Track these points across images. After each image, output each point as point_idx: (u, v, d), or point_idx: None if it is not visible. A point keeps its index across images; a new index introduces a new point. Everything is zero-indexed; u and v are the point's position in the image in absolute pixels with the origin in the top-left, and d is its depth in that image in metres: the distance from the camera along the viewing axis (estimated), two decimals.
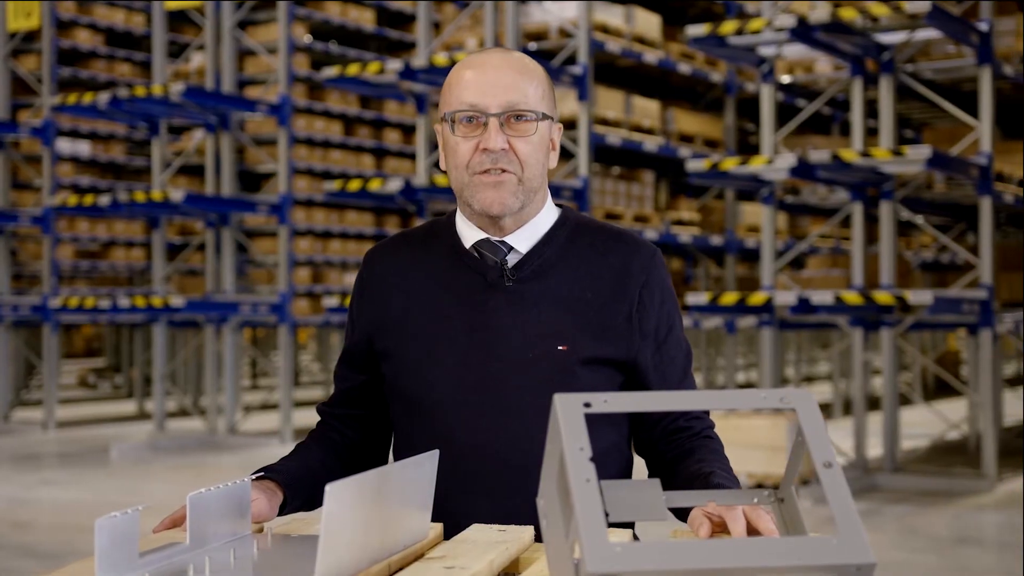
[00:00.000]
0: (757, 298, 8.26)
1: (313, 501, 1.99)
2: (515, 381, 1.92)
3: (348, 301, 9.87)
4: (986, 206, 8.39)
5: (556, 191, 9.38)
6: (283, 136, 10.93)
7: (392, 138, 14.64)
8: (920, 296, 7.70)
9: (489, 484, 1.91)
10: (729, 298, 8.39)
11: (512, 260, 1.99)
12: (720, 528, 1.52)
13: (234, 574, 1.44)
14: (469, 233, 2.02)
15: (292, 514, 1.94)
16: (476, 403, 1.93)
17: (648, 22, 10.58)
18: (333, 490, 1.24)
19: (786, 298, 8.06)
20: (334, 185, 9.99)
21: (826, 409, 12.42)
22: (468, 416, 1.93)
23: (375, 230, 14.46)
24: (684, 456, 1.95)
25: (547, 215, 2.04)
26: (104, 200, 10.67)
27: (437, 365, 1.96)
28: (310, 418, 10.88)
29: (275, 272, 11.96)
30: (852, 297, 7.88)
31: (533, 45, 10.13)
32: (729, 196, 11.86)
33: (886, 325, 8.69)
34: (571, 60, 9.88)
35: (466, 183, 1.96)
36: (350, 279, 14.23)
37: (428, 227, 2.12)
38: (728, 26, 8.47)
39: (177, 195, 10.30)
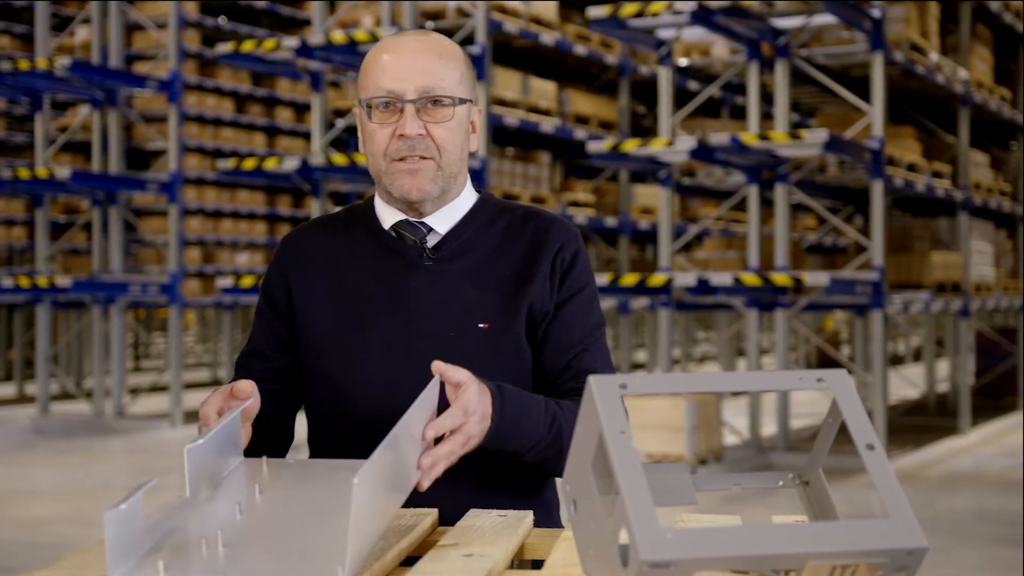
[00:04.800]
0: (657, 279, 8.32)
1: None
2: (440, 360, 1.88)
3: (244, 282, 9.65)
4: (877, 189, 8.56)
5: None
6: (173, 113, 10.70)
7: (284, 116, 14.43)
8: (816, 278, 7.83)
9: None
10: (629, 279, 8.44)
11: (432, 240, 1.99)
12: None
13: (242, 530, 1.39)
14: (388, 215, 2.02)
15: None
16: (402, 383, 1.91)
17: (545, 3, 10.57)
18: (361, 481, 1.21)
19: (686, 279, 8.13)
20: (228, 163, 9.80)
21: None
22: (395, 397, 1.89)
23: (267, 210, 14.26)
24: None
25: (467, 198, 2.03)
26: None
27: (361, 347, 1.94)
28: (198, 400, 10.68)
29: (165, 252, 11.72)
30: (751, 278, 7.98)
31: (430, 24, 10.04)
32: (623, 178, 11.93)
33: (781, 306, 8.83)
34: (469, 40, 9.82)
35: (384, 170, 1.95)
36: (242, 259, 14.01)
37: (347, 212, 2.11)
38: (628, 8, 8.50)
39: (63, 172, 10.02)
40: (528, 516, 1.61)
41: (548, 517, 2.00)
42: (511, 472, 1.91)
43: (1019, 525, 6.44)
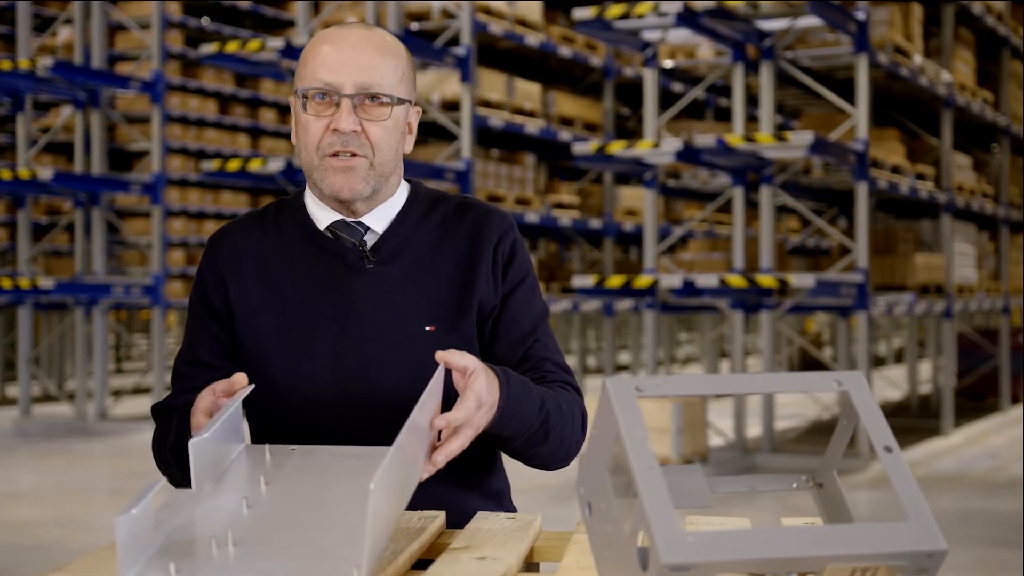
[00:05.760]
0: (643, 281, 8.32)
1: None
2: (387, 366, 1.88)
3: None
4: (862, 191, 8.58)
5: (439, 173, 9.33)
6: (156, 114, 10.65)
7: (268, 117, 14.40)
8: (802, 279, 7.85)
9: None
10: (615, 281, 8.44)
11: (369, 241, 1.95)
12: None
13: (251, 527, 1.39)
14: (322, 214, 1.96)
15: None
16: (351, 391, 1.88)
17: (530, 4, 10.58)
18: (378, 486, 1.20)
19: (672, 281, 8.13)
20: (212, 165, 9.76)
21: None
22: (343, 404, 1.88)
23: (250, 211, 14.22)
24: None
25: (400, 193, 2.00)
26: None
27: (308, 356, 1.90)
28: None
29: (148, 253, 11.68)
30: (736, 280, 7.99)
31: (415, 26, 10.04)
32: (607, 180, 11.94)
33: (766, 308, 8.84)
34: (454, 41, 9.82)
35: (315, 164, 1.88)
36: None
37: (276, 207, 2.04)
38: (614, 10, 8.51)
39: (46, 173, 9.97)
40: (537, 519, 1.61)
41: (500, 506, 1.98)
42: (463, 463, 1.84)
43: (1004, 526, 6.46)
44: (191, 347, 1.99)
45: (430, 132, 10.55)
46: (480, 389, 1.65)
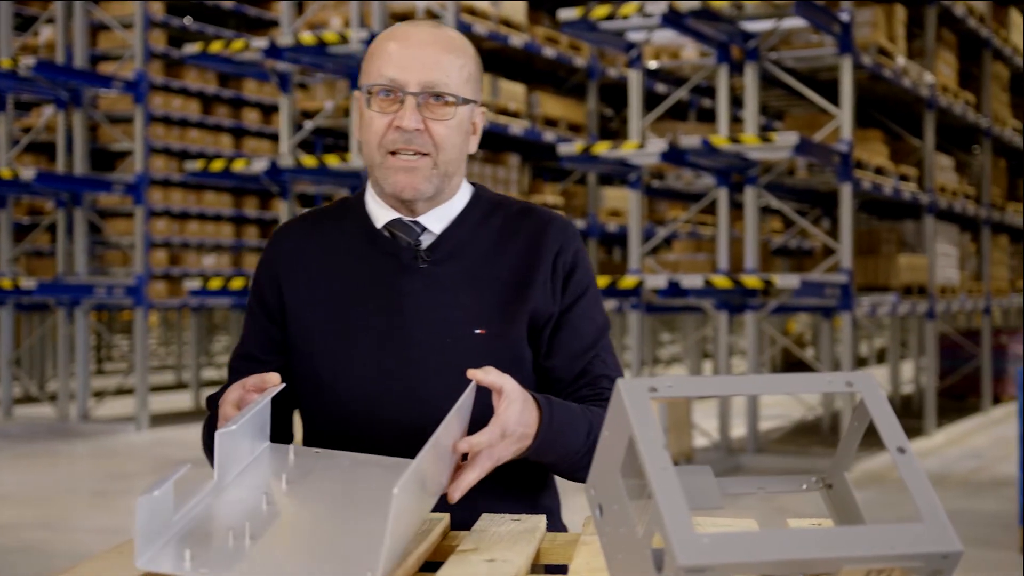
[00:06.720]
0: (628, 281, 8.33)
1: None
2: (433, 367, 1.87)
3: (212, 284, 9.55)
4: (846, 192, 8.60)
5: None
6: (139, 114, 10.61)
7: (251, 118, 14.35)
8: (787, 280, 7.86)
9: None
10: (600, 282, 8.44)
11: (426, 241, 1.93)
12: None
13: (269, 523, 1.39)
14: (380, 213, 1.95)
15: None
16: (395, 390, 1.87)
17: (514, 5, 10.57)
18: (402, 491, 1.20)
19: (656, 282, 8.14)
20: (196, 165, 9.73)
21: None
22: (387, 404, 1.87)
23: (233, 211, 14.17)
24: None
25: (461, 195, 1.98)
26: None
27: (354, 353, 1.89)
28: (164, 404, 10.59)
29: (130, 254, 11.63)
30: (721, 281, 8.00)
31: None
32: (591, 180, 11.94)
33: (751, 308, 8.86)
34: None
35: (378, 163, 1.89)
36: (208, 261, 13.91)
37: (339, 205, 2.04)
38: (599, 11, 8.51)
39: (28, 173, 9.92)
40: (542, 520, 1.60)
41: (551, 523, 1.96)
42: (513, 479, 1.86)
43: (988, 526, 6.49)
44: (244, 342, 2.02)
45: None
46: (508, 419, 1.64)
